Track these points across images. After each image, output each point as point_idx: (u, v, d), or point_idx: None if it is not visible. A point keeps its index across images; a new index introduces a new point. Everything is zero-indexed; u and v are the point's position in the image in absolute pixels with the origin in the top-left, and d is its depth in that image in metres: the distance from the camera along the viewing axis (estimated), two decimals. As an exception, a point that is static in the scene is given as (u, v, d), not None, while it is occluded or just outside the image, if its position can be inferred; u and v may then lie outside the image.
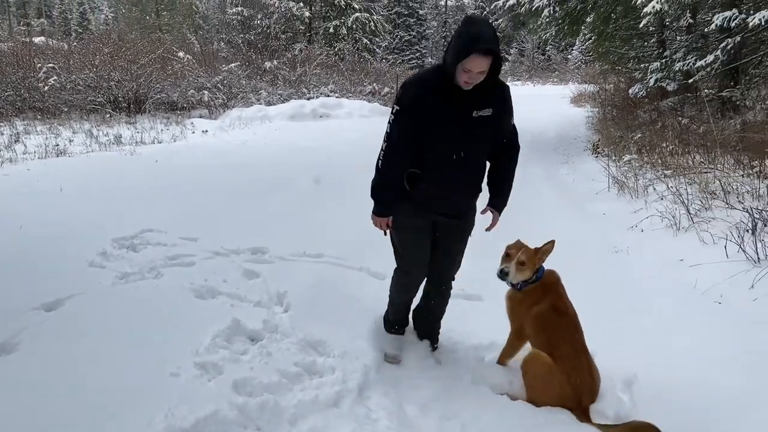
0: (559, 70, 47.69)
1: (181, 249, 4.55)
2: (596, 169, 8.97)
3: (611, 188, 7.13)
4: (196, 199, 6.30)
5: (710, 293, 3.72)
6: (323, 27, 26.75)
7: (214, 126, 14.08)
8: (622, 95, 17.15)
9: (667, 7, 8.18)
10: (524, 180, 9.09)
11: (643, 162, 7.95)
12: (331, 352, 3.11)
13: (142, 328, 3.22)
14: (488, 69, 2.57)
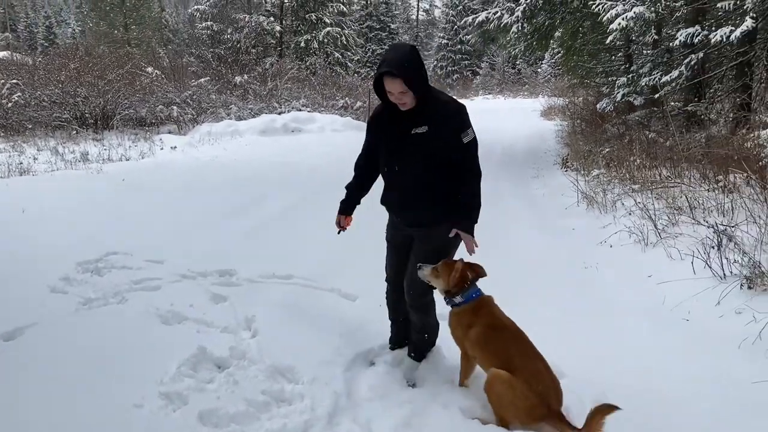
0: (530, 84, 48.18)
1: (146, 272, 4.45)
2: (566, 183, 9.05)
3: (580, 203, 7.20)
4: (163, 219, 6.19)
5: (678, 310, 3.75)
6: (294, 41, 26.73)
7: (183, 142, 13.93)
8: (591, 109, 17.43)
9: (633, 24, 8.33)
10: (495, 195, 9.21)
11: (611, 176, 8.04)
12: (300, 378, 3.05)
13: (105, 356, 3.13)
14: (410, 89, 2.77)
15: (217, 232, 5.86)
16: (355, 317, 3.82)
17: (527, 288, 4.41)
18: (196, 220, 6.29)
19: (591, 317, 3.91)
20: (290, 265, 4.73)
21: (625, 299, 4.16)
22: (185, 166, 10.43)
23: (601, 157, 9.53)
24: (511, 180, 10.37)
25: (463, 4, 56.47)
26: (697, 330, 3.53)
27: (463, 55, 56.75)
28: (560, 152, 13.51)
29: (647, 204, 5.86)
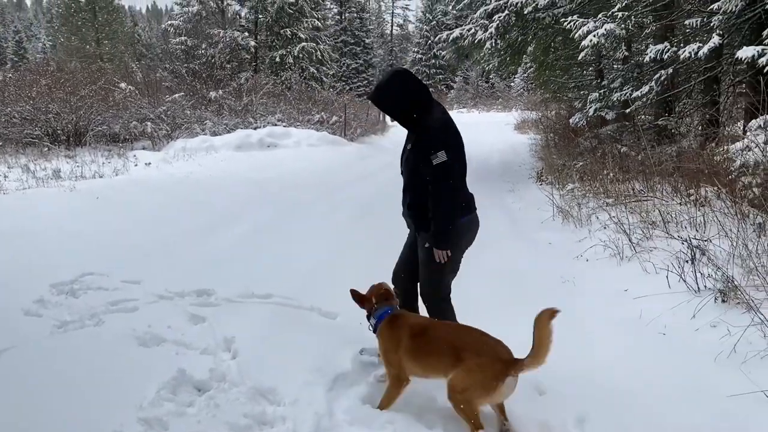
0: (503, 98, 48.86)
1: (123, 293, 4.39)
2: (541, 197, 9.16)
3: (556, 217, 7.29)
4: (139, 238, 6.11)
5: (654, 324, 3.81)
6: (269, 56, 26.74)
7: (158, 158, 13.79)
8: (563, 123, 17.71)
9: (604, 40, 8.50)
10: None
11: (586, 190, 8.16)
12: (282, 400, 3.02)
13: (82, 381, 3.07)
14: (387, 114, 3.39)
15: (194, 250, 5.81)
16: (336, 336, 3.81)
17: (505, 302, 4.45)
18: (172, 238, 6.23)
19: (568, 332, 3.91)
20: (269, 283, 4.70)
21: (602, 313, 4.21)
22: (160, 183, 10.33)
23: (574, 171, 9.67)
24: (487, 194, 10.40)
25: (437, 20, 57.16)
26: (673, 344, 3.58)
27: (437, 70, 57.33)
28: (534, 166, 13.69)
29: (621, 218, 5.96)
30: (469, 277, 4.11)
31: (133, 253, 5.56)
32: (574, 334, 3.91)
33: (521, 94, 45.03)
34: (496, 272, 5.32)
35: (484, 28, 10.94)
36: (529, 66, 20.01)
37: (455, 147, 3.24)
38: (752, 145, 6.25)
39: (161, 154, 14.38)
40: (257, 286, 4.59)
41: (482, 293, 4.57)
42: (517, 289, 4.88)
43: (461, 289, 3.71)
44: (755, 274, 3.87)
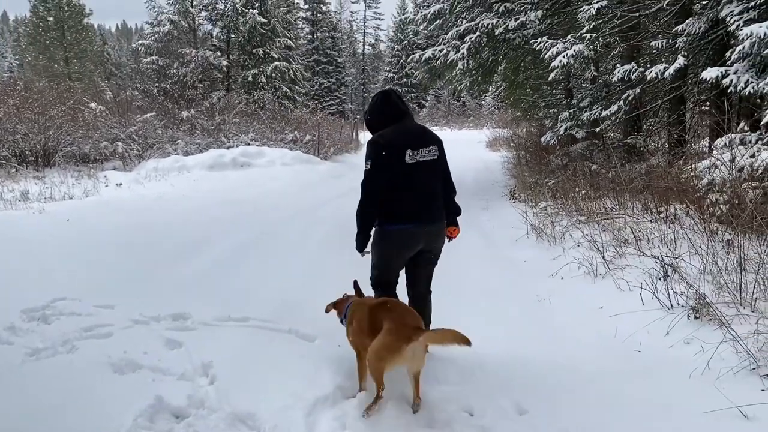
0: (474, 116, 49.46)
1: (97, 318, 4.30)
2: (515, 215, 9.26)
3: (530, 235, 7.37)
4: (112, 262, 6.01)
5: (630, 341, 3.87)
6: (242, 75, 26.71)
7: (129, 178, 13.63)
8: (535, 141, 18.00)
9: (573, 61, 8.69)
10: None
11: (558, 208, 8.28)
12: (262, 425, 2.99)
13: (56, 410, 3.00)
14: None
15: (169, 273, 5.74)
16: (315, 359, 3.78)
17: (480, 321, 4.47)
18: (145, 260, 6.14)
19: (545, 350, 3.99)
20: (246, 306, 4.66)
21: (578, 331, 4.26)
22: (132, 205, 10.20)
23: (547, 188, 9.82)
24: (462, 211, 10.53)
25: (408, 39, 57.80)
26: (648, 361, 3.64)
27: (409, 88, 57.83)
28: (507, 183, 13.86)
29: (594, 236, 6.06)
30: (444, 296, 4.15)
31: (106, 276, 5.47)
32: (549, 351, 3.96)
33: (492, 113, 45.63)
34: (471, 291, 5.37)
35: (456, 48, 11.10)
36: (500, 85, 20.31)
37: (381, 161, 3.54)
38: (718, 163, 6.44)
39: (133, 175, 14.22)
40: (234, 309, 4.55)
41: (459, 312, 4.59)
42: (494, 308, 4.93)
43: (438, 309, 3.74)
44: (725, 290, 3.96)
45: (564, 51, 8.95)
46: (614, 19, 9.42)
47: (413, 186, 3.59)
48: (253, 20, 25.12)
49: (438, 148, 3.72)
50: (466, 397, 3.28)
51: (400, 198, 3.59)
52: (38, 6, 51.38)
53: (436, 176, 3.73)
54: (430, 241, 3.76)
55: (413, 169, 3.57)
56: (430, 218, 3.69)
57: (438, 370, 3.56)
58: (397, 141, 3.58)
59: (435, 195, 3.72)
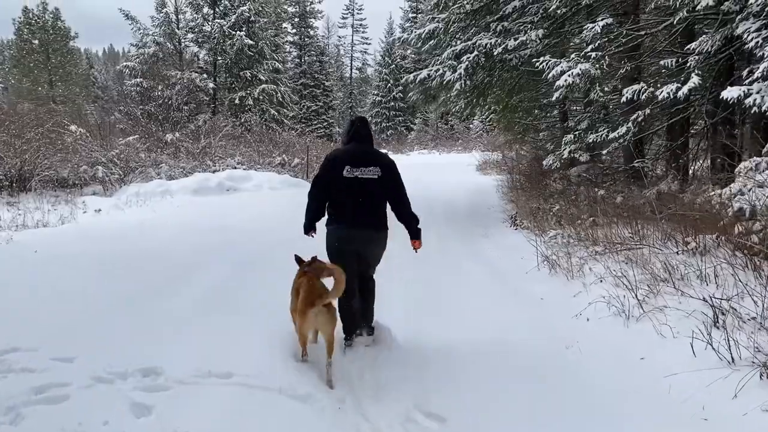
0: (463, 139, 49.12)
1: (52, 375, 3.62)
2: (519, 243, 8.70)
3: (542, 267, 6.78)
4: (78, 301, 5.32)
5: (690, 404, 3.23)
6: (229, 98, 26.19)
7: (109, 204, 12.95)
8: (529, 164, 17.55)
9: (579, 80, 8.22)
10: (446, 256, 8.75)
11: (568, 237, 7.72)
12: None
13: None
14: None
15: (141, 314, 5.05)
16: (309, 425, 3.15)
17: (499, 375, 3.86)
18: (116, 300, 5.45)
19: (587, 415, 3.36)
20: (229, 358, 3.98)
21: (622, 387, 3.62)
22: (108, 233, 9.53)
23: (551, 214, 9.28)
24: (459, 239, 9.95)
25: (396, 63, 57.68)
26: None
27: (397, 112, 57.62)
28: (505, 208, 13.31)
29: (615, 268, 5.49)
30: (451, 338, 3.55)
31: (70, 319, 4.78)
32: (593, 416, 3.34)
33: (480, 136, 45.35)
34: (484, 334, 4.75)
35: (452, 69, 10.61)
36: (490, 109, 19.88)
37: (324, 170, 4.47)
38: (745, 189, 5.93)
39: (113, 200, 13.54)
40: (215, 362, 3.87)
41: (469, 362, 4.00)
42: (512, 356, 4.29)
43: (452, 366, 3.13)
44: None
45: (569, 70, 8.48)
46: (620, 37, 9.00)
47: (347, 196, 4.34)
48: (241, 42, 24.70)
49: (381, 169, 4.37)
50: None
51: (337, 205, 4.44)
52: (23, 29, 51.07)
53: (373, 192, 4.36)
54: (362, 244, 4.46)
55: (350, 182, 4.31)
56: (359, 224, 4.38)
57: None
58: (341, 158, 4.38)
59: (368, 206, 4.37)
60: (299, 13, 54.68)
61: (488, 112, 27.21)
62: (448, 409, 3.44)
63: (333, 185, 4.35)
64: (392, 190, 4.43)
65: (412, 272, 6.90)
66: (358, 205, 4.33)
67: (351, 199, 4.32)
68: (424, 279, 6.71)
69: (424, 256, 4.89)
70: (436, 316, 5.33)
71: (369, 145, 4.52)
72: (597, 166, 10.63)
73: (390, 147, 46.11)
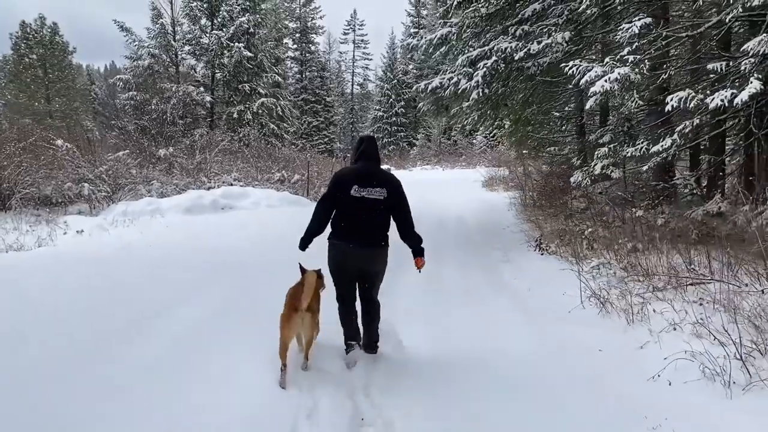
0: (466, 154, 48.17)
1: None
2: (548, 271, 7.65)
3: (586, 304, 5.68)
4: (21, 351, 4.26)
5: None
6: (227, 112, 25.22)
7: (93, 224, 11.87)
8: (544, 180, 16.51)
9: (617, 86, 7.21)
10: (465, 284, 7.66)
11: (612, 265, 6.64)
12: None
13: None
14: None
15: (99, 366, 3.97)
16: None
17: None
18: (74, 346, 4.38)
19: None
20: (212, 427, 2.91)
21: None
22: (86, 258, 8.49)
23: (583, 237, 8.23)
24: (477, 264, 8.90)
25: (398, 78, 56.98)
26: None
27: (399, 127, 56.92)
28: (522, 228, 12.25)
29: (688, 310, 4.42)
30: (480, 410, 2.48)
31: (6, 378, 3.71)
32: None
33: (484, 151, 44.43)
34: (527, 398, 3.67)
35: (468, 76, 9.61)
36: (500, 121, 18.86)
37: (332, 189, 4.45)
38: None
39: (98, 220, 12.47)
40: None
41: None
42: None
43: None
44: None
45: (604, 75, 7.47)
46: (659, 39, 8.02)
47: (353, 214, 4.39)
48: (239, 54, 23.77)
49: (387, 191, 4.42)
50: None
51: (342, 221, 4.44)
52: (20, 43, 50.54)
53: (379, 211, 4.42)
54: (364, 260, 4.48)
55: (357, 201, 4.36)
56: (362, 242, 4.41)
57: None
58: (348, 177, 4.44)
59: (372, 225, 4.42)
60: (300, 29, 54.27)
61: (493, 128, 26.18)
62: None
63: (340, 203, 4.43)
64: (398, 211, 4.53)
65: (430, 311, 5.86)
66: (363, 223, 4.41)
67: (357, 217, 4.41)
68: (444, 326, 5.57)
69: (442, 288, 3.88)
70: (464, 383, 4.16)
71: (376, 165, 4.59)
72: (632, 183, 9.54)
73: (392, 163, 45.23)
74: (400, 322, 5.25)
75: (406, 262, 4.67)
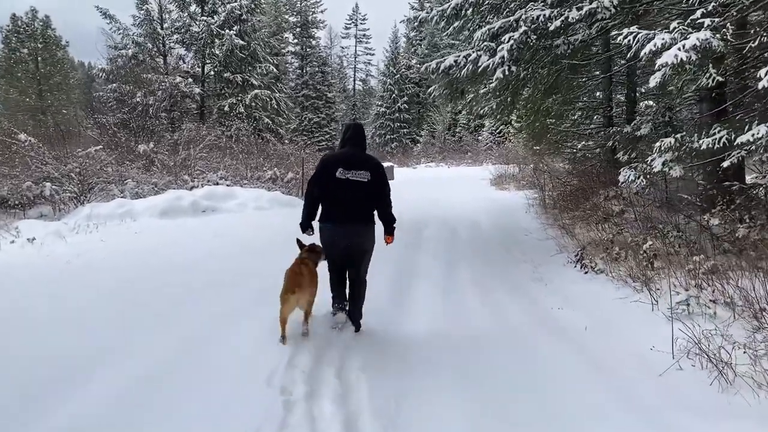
0: (472, 151, 46.35)
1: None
2: (603, 299, 5.92)
3: (684, 361, 3.89)
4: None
5: None
6: (218, 105, 23.44)
7: (50, 230, 10.09)
8: (566, 178, 14.69)
9: (694, 56, 5.44)
10: (496, 314, 5.84)
11: (698, 298, 4.84)
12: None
13: None
14: None
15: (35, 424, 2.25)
16: None
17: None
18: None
19: None
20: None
21: None
22: (17, 278, 6.77)
23: (641, 252, 6.45)
24: (503, 283, 7.16)
25: (401, 73, 55.21)
26: None
27: (402, 123, 55.20)
28: (548, 234, 10.47)
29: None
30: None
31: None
32: None
33: (490, 148, 42.64)
34: None
35: (490, 52, 7.84)
36: (511, 114, 17.01)
37: (318, 172, 4.85)
38: None
39: (57, 225, 10.67)
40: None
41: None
42: None
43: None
44: None
45: (673, 44, 5.70)
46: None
47: (338, 195, 4.75)
48: (231, 42, 21.98)
49: (371, 172, 4.78)
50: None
51: (329, 202, 4.82)
52: (11, 37, 49.00)
53: (362, 193, 4.76)
54: (351, 237, 4.85)
55: (342, 183, 4.72)
56: (349, 220, 4.80)
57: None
58: (333, 160, 4.84)
59: (356, 205, 4.79)
60: (301, 23, 52.70)
61: (509, 120, 24.29)
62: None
63: (327, 185, 4.74)
64: (378, 191, 4.83)
65: (457, 361, 4.09)
66: (348, 203, 4.74)
67: (342, 198, 4.74)
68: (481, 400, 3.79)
69: (466, 326, 2.19)
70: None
71: (361, 150, 4.92)
72: (705, 184, 7.67)
73: (395, 160, 43.47)
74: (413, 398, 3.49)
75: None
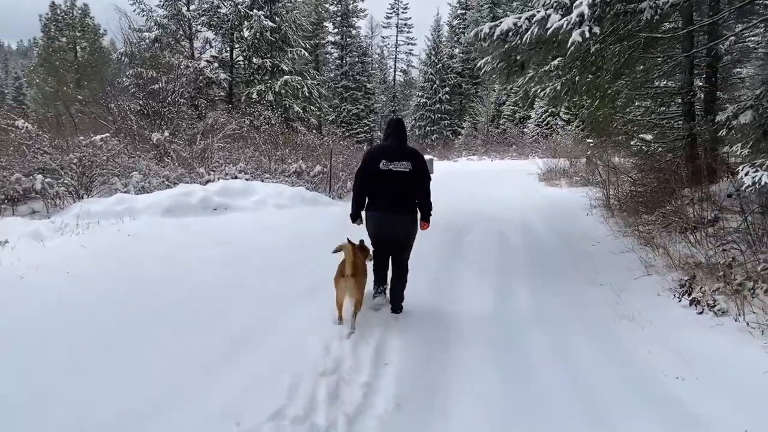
0: (517, 144, 44.00)
1: None
2: (732, 358, 3.95)
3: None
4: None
5: None
6: (246, 93, 21.83)
7: (29, 231, 8.49)
8: (638, 177, 12.52)
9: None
10: (573, 384, 3.78)
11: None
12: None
13: None
14: None
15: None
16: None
17: None
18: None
19: None
20: None
21: None
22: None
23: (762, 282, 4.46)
24: (578, 320, 5.26)
25: (443, 63, 53.10)
26: None
27: (442, 114, 53.15)
28: (624, 245, 8.43)
29: None
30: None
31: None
32: None
33: (537, 140, 40.20)
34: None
35: (563, 9, 5.89)
36: (573, 99, 14.84)
37: (364, 164, 5.19)
38: None
39: (40, 225, 9.04)
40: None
41: None
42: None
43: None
44: None
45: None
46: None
47: (382, 186, 5.08)
48: (259, 24, 20.31)
49: (412, 164, 5.07)
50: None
51: (374, 194, 5.17)
52: (49, 26, 48.86)
53: (404, 183, 5.06)
54: (395, 226, 5.16)
55: (385, 174, 5.04)
56: (392, 210, 5.12)
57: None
58: (377, 152, 5.19)
59: (399, 195, 5.09)
60: (341, 12, 51.14)
61: (546, 115, 22.17)
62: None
63: (371, 176, 5.09)
64: (421, 181, 5.14)
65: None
66: (392, 193, 5.08)
67: (386, 188, 5.07)
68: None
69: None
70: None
71: (403, 142, 5.26)
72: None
73: (435, 153, 41.53)
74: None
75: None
